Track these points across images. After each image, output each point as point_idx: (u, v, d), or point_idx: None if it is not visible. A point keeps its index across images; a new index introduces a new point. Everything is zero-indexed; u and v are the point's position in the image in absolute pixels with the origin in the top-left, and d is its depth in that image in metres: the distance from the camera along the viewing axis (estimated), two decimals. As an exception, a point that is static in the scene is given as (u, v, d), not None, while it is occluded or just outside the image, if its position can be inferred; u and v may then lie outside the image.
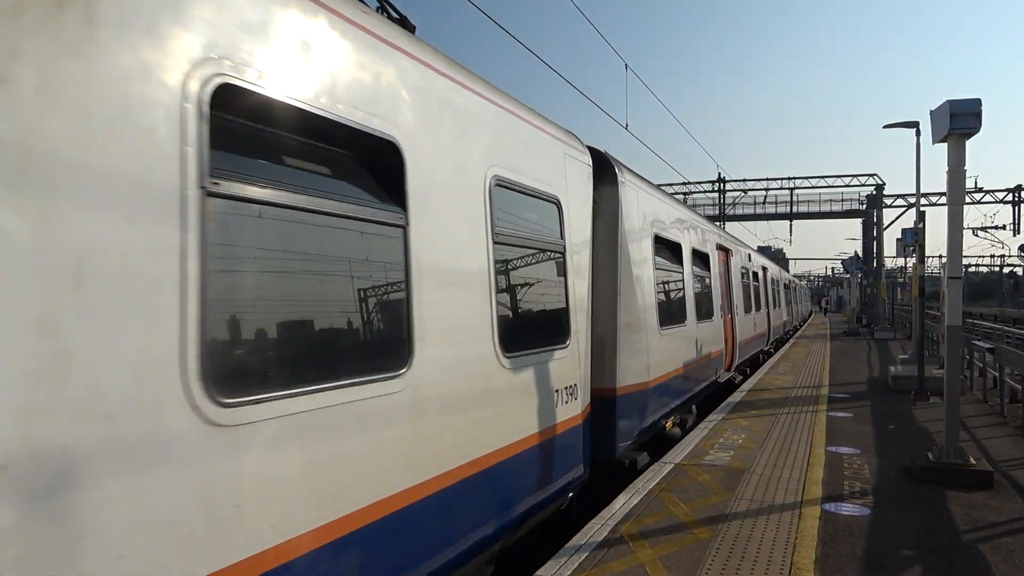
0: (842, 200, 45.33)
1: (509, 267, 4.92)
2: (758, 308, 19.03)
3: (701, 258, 11.54)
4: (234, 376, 2.62)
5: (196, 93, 2.44)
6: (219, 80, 2.53)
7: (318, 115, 3.05)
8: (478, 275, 4.38)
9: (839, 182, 44.45)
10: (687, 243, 10.31)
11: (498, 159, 4.72)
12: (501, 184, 4.74)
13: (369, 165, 3.57)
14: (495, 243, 4.59)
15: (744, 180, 46.91)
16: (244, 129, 2.79)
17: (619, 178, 7.11)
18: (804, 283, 79.10)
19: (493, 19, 8.25)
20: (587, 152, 6.70)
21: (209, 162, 2.49)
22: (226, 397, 2.51)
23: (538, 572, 4.63)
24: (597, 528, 5.47)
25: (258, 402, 2.66)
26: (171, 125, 2.35)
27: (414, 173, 3.76)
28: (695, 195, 47.14)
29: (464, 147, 4.33)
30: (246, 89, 2.67)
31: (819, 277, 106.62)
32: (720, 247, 13.78)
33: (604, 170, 7.05)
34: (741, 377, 14.78)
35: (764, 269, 21.83)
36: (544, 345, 5.29)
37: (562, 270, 5.82)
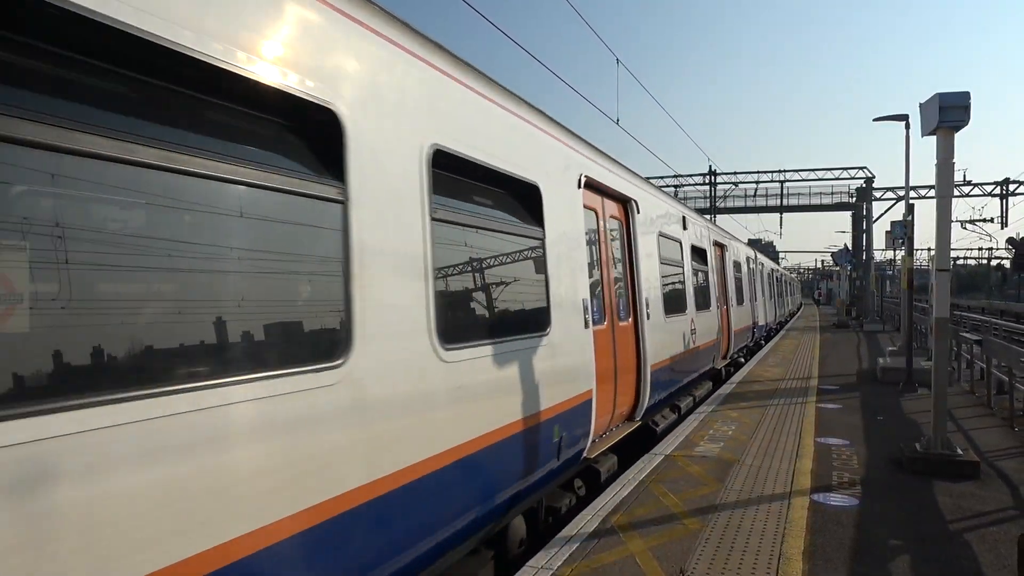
0: (832, 193, 45.47)
1: None
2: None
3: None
4: None
5: None
6: None
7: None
8: None
9: (829, 175, 44.62)
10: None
11: None
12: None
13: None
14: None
15: (735, 173, 47.07)
16: None
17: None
18: (795, 275, 79.55)
19: (483, 15, 8.18)
20: None
21: None
22: None
23: (529, 563, 4.65)
24: (588, 519, 5.49)
25: None
26: None
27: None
28: (686, 188, 47.23)
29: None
30: None
31: (809, 269, 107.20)
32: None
33: None
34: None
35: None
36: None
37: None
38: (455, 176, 4.60)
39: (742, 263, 18.71)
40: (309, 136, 3.36)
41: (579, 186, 6.59)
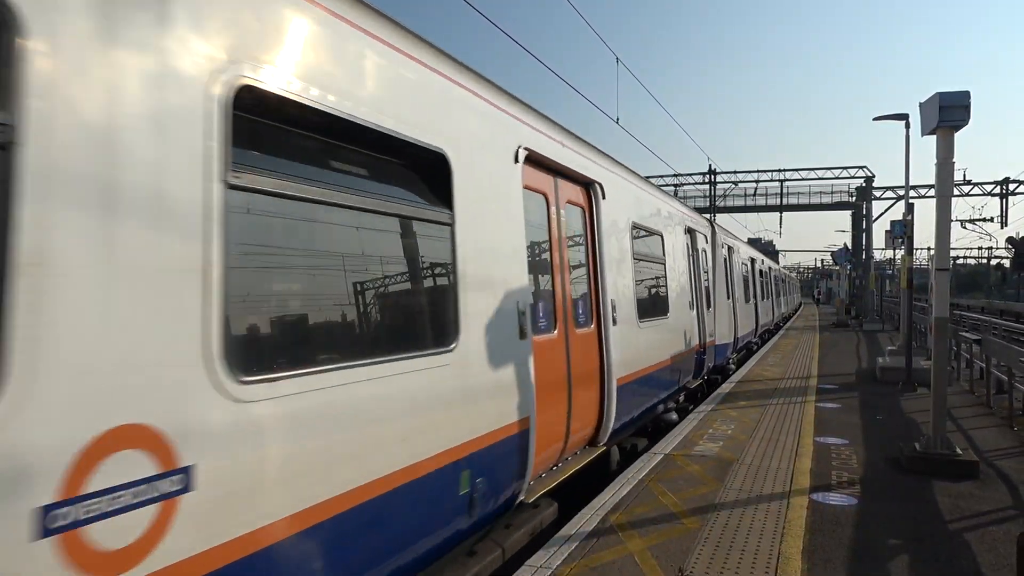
0: (832, 192, 45.50)
1: None
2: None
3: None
4: None
5: None
6: None
7: None
8: None
9: (829, 174, 44.63)
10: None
11: None
12: None
13: None
14: None
15: (735, 172, 47.08)
16: None
17: None
18: (794, 274, 79.60)
19: (481, 11, 8.15)
20: None
21: None
22: None
23: (528, 562, 4.64)
24: (587, 518, 5.49)
25: None
26: None
27: None
28: (686, 187, 47.20)
29: None
30: None
31: (809, 269, 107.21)
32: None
33: None
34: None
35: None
36: None
37: None
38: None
39: (674, 239, 10.53)
40: None
41: None
